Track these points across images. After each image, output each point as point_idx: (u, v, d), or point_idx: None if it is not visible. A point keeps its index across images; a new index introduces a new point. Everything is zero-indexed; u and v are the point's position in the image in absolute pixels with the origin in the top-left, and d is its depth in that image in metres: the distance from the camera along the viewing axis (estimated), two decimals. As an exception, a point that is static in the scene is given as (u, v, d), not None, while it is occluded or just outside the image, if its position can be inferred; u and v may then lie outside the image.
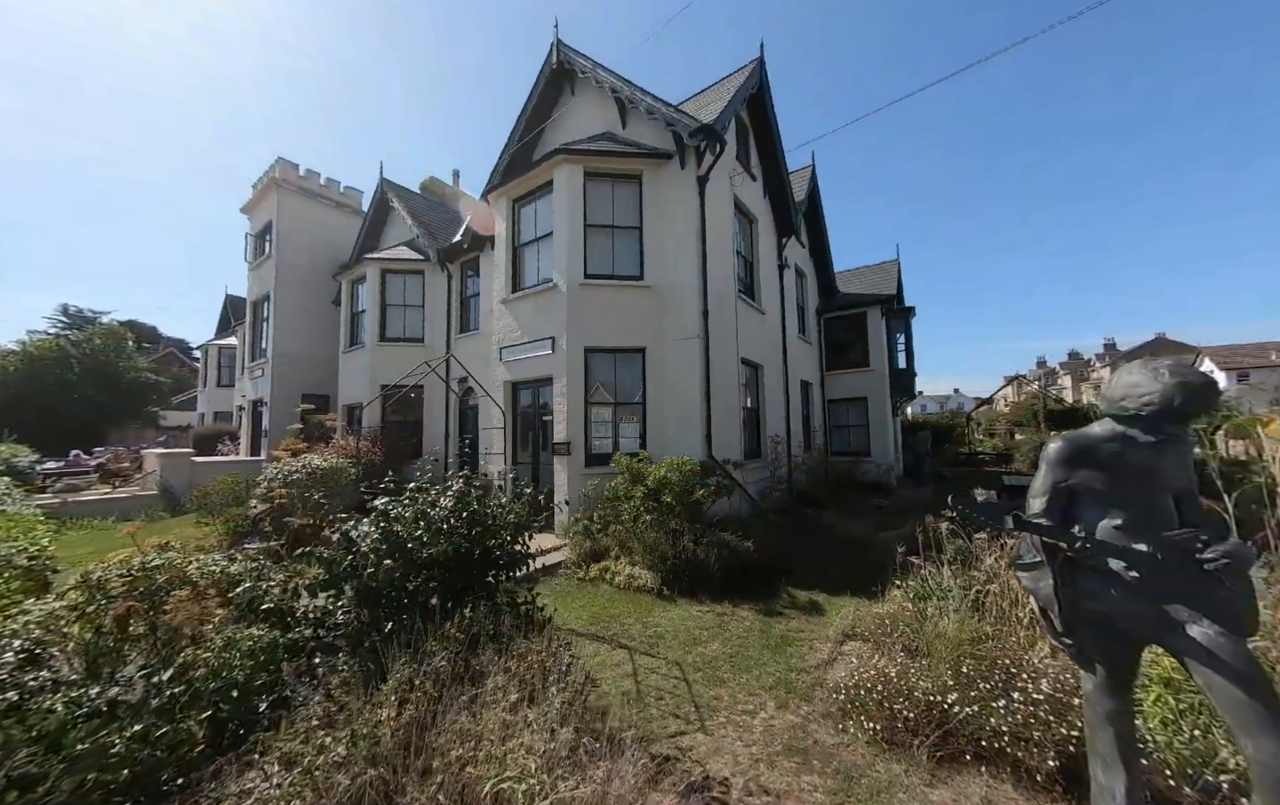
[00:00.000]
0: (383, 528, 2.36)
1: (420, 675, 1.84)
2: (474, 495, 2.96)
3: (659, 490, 5.67)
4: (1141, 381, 1.71)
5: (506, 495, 3.36)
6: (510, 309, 8.26)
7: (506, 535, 2.93)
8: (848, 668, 3.44)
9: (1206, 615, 1.62)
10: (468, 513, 2.79)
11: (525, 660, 2.04)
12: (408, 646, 2.09)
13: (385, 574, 2.18)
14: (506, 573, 3.05)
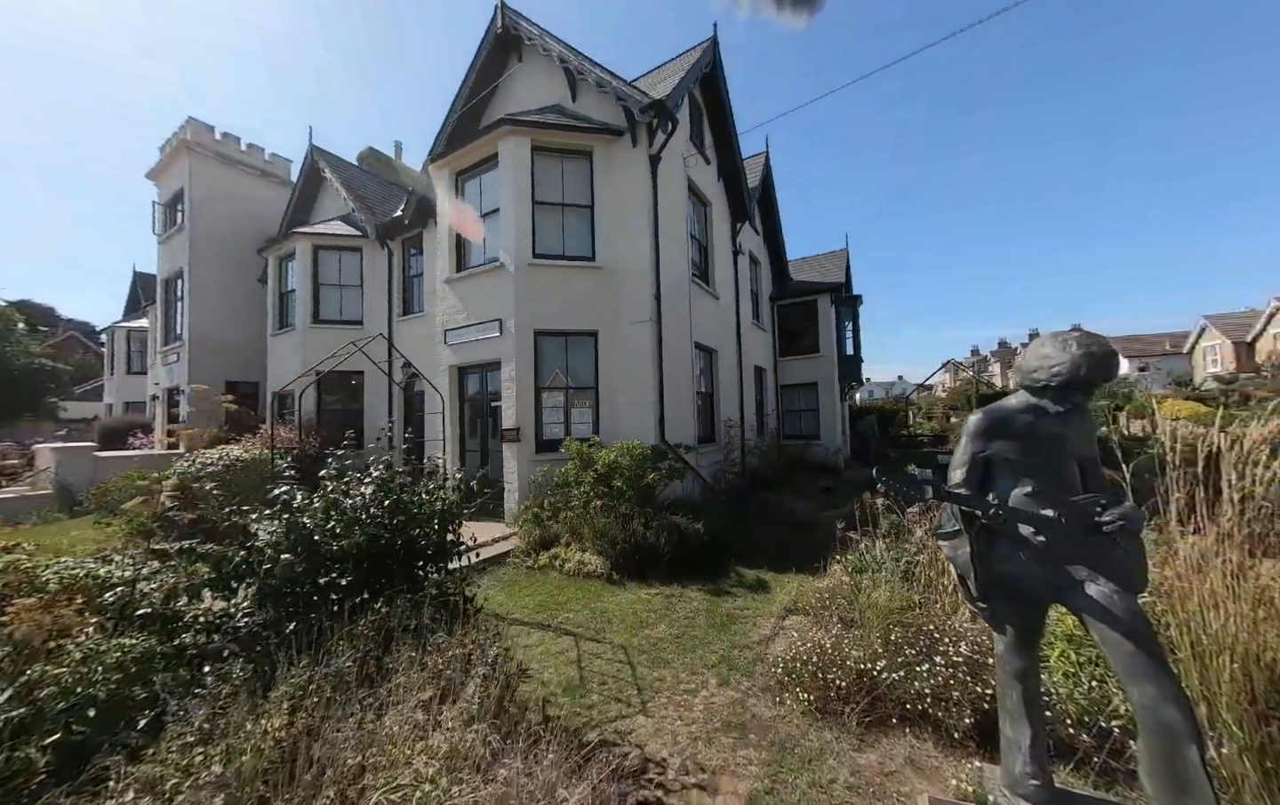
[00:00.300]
0: (286, 520, 2.11)
1: (319, 678, 1.66)
2: (397, 483, 2.74)
3: (609, 475, 5.58)
4: (1052, 353, 1.76)
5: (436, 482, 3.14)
6: (455, 289, 7.84)
7: (434, 524, 2.73)
8: (788, 642, 3.51)
9: (1103, 574, 1.71)
10: (389, 501, 2.57)
11: (444, 655, 1.89)
12: (312, 648, 1.89)
13: (284, 570, 1.96)
14: (436, 564, 2.86)
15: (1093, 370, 1.67)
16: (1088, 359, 1.68)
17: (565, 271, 7.33)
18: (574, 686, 3.18)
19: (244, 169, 14.14)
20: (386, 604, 2.17)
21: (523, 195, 7.16)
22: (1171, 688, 1.50)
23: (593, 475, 5.57)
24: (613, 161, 7.42)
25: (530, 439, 7.10)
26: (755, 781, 2.30)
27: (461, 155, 7.74)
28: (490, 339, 7.31)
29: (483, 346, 7.44)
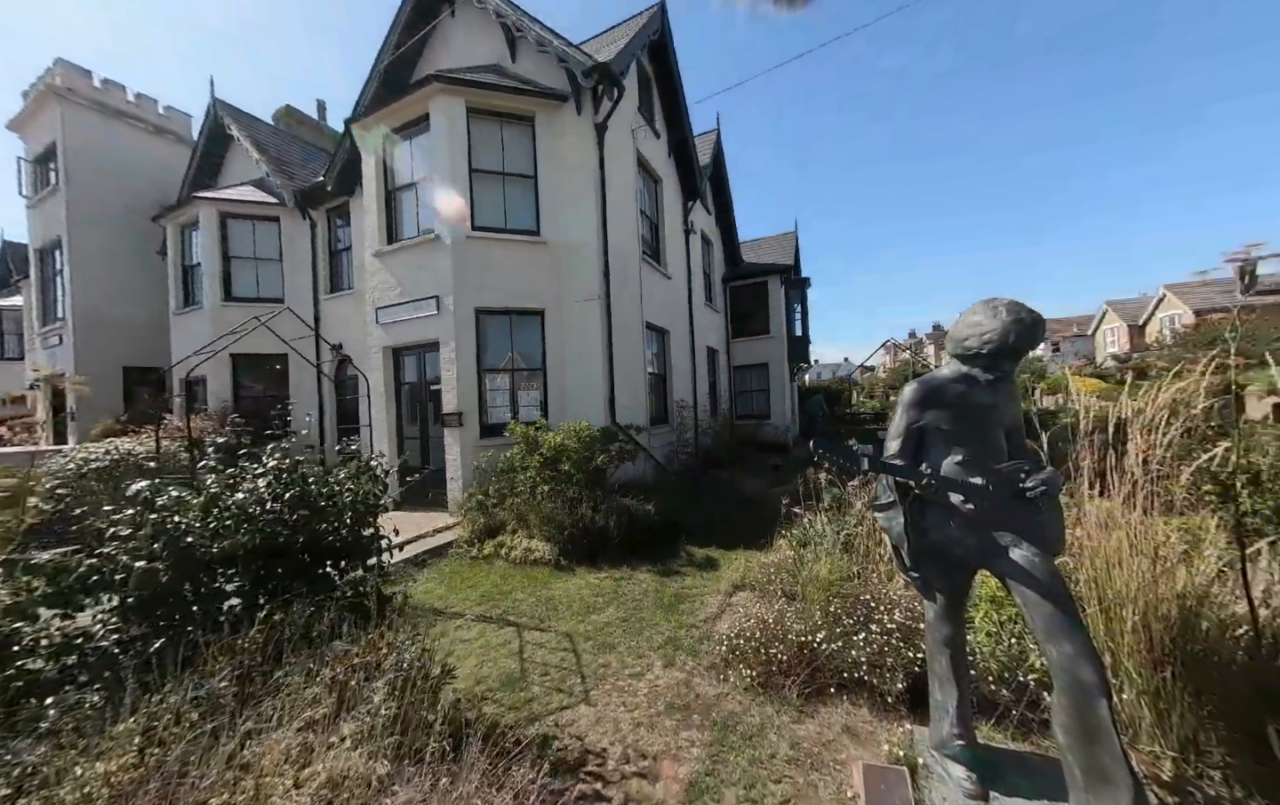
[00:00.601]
0: (152, 520, 1.78)
1: (184, 703, 1.40)
2: (300, 473, 2.42)
3: (556, 458, 5.38)
4: (983, 320, 1.75)
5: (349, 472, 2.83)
6: (386, 263, 7.23)
7: (346, 518, 2.45)
8: (734, 619, 3.51)
9: (1026, 538, 1.74)
10: (290, 494, 2.26)
11: (346, 663, 1.67)
12: (182, 667, 1.61)
13: (142, 580, 1.65)
14: (353, 562, 2.58)
15: (1021, 337, 1.67)
16: (1016, 326, 1.68)
17: (508, 246, 6.92)
18: (514, 680, 3.02)
19: (132, 123, 12.35)
20: (283, 610, 1.90)
21: (459, 162, 6.65)
22: (1086, 645, 1.55)
23: (539, 459, 5.34)
24: (556, 129, 7.03)
25: (474, 423, 6.74)
26: (697, 764, 2.25)
27: (388, 114, 7.06)
28: (427, 318, 6.82)
29: (419, 326, 6.93)
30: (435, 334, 6.77)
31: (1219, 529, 3.43)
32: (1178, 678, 1.93)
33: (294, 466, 2.45)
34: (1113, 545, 2.21)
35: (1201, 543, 2.61)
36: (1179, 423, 2.29)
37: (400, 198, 7.42)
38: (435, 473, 7.09)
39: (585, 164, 6.93)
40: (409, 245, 6.98)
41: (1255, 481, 3.99)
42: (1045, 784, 1.80)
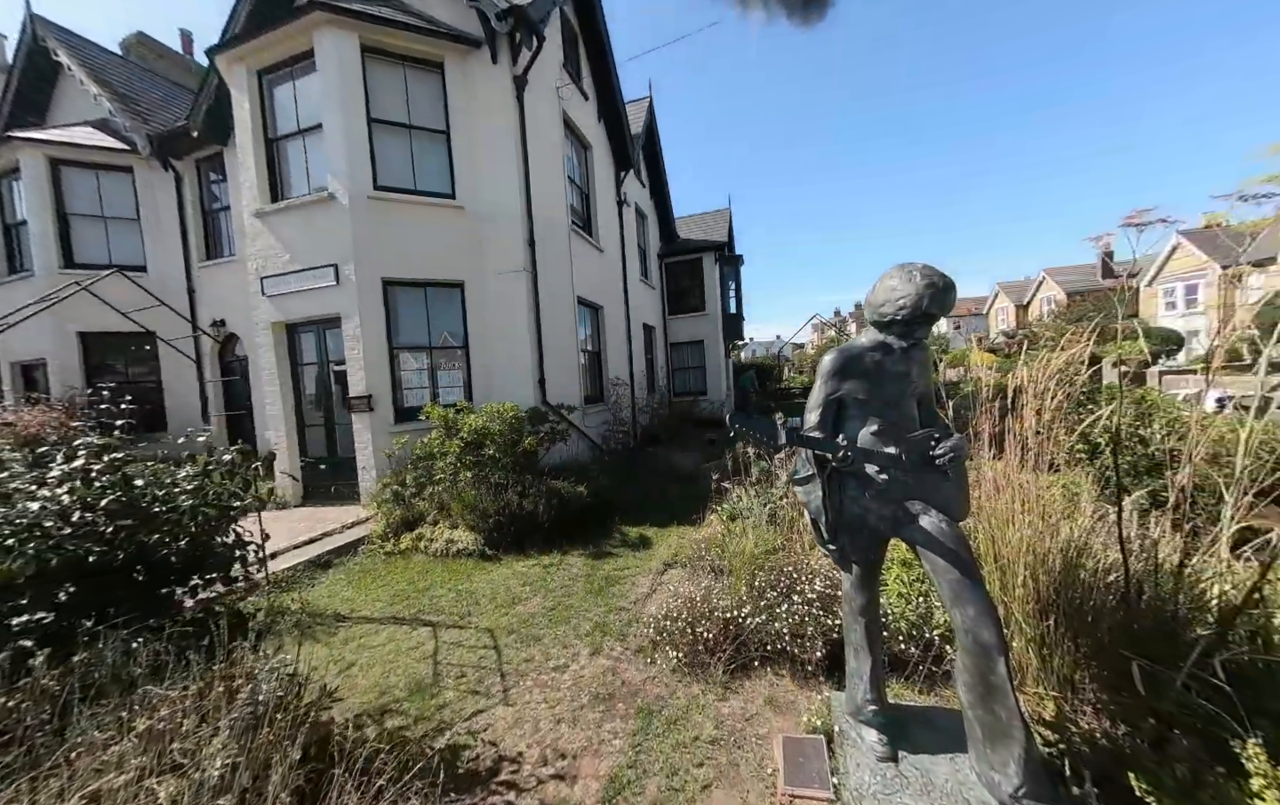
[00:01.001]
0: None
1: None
2: (122, 474, 1.94)
3: (479, 442, 5.00)
4: (898, 285, 1.70)
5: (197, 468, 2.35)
6: (270, 225, 6.27)
7: (189, 524, 2.01)
8: (664, 598, 3.44)
9: (934, 505, 1.74)
10: (108, 501, 1.80)
11: (172, 706, 1.33)
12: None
13: None
14: (207, 575, 2.14)
15: (934, 302, 1.63)
16: (930, 290, 1.64)
17: (419, 210, 6.25)
18: (424, 686, 2.75)
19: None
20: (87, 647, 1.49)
21: (354, 108, 5.84)
22: (987, 607, 1.58)
23: (458, 444, 4.94)
24: (471, 80, 6.38)
25: (386, 407, 6.13)
26: (619, 756, 2.14)
27: (264, 46, 6.01)
28: (324, 289, 6.02)
29: (316, 298, 6.12)
30: (336, 307, 6.02)
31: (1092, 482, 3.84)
32: (1059, 625, 2.07)
33: (114, 466, 1.95)
34: (1005, 504, 2.34)
35: (1080, 498, 2.88)
36: (1063, 390, 2.46)
37: (286, 149, 6.42)
38: (345, 463, 6.41)
39: (504, 121, 6.36)
40: (298, 204, 6.08)
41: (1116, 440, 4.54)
42: (947, 738, 1.87)
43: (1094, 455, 4.38)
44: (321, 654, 3.17)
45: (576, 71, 8.73)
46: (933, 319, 1.68)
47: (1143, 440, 3.96)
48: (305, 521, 5.80)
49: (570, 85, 7.86)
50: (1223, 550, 1.93)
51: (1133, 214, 1.65)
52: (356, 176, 5.84)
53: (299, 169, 6.36)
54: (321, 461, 6.65)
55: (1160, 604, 1.89)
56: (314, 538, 5.20)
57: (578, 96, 8.67)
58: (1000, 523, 2.36)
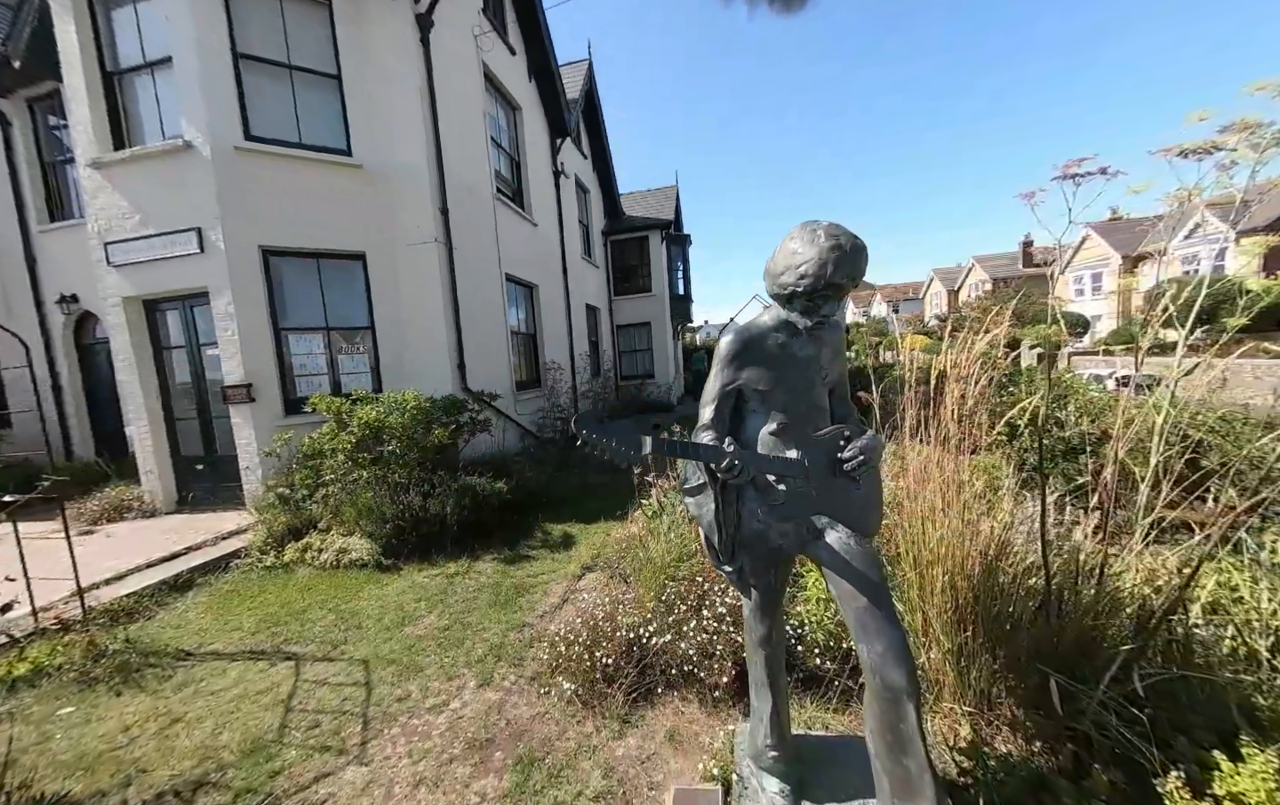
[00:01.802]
0: None
1: None
2: None
3: (376, 436, 4.39)
4: (800, 248, 1.36)
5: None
6: (113, 179, 5.19)
7: None
8: (576, 610, 3.09)
9: (842, 519, 1.45)
10: None
11: None
12: None
13: None
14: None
15: (840, 267, 1.30)
16: (834, 254, 1.30)
17: (307, 167, 5.38)
18: (263, 744, 2.24)
19: None
20: None
21: (213, 38, 4.87)
22: (899, 645, 1.30)
23: (350, 439, 4.30)
24: (364, 17, 5.51)
25: (273, 397, 5.32)
26: (485, 826, 1.76)
27: (96, -43, 4.89)
28: (186, 257, 5.08)
29: (175, 268, 5.15)
30: (202, 280, 5.09)
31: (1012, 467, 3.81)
32: (977, 635, 1.88)
33: None
34: (925, 501, 2.13)
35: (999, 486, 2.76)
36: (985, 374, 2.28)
37: (133, 85, 5.32)
38: (226, 462, 5.55)
39: (407, 67, 5.57)
40: (148, 154, 5.05)
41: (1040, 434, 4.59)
42: (858, 777, 1.62)
43: (1013, 436, 4.42)
44: (142, 708, 2.57)
45: (501, 20, 7.92)
46: (840, 290, 1.35)
47: (1059, 423, 4.00)
48: (172, 532, 4.96)
49: (491, 33, 7.07)
50: (1142, 553, 1.79)
51: (1068, 164, 1.39)
52: (219, 123, 4.90)
53: (150, 110, 5.29)
54: (198, 460, 5.74)
55: (1080, 614, 1.72)
56: (176, 553, 4.42)
57: (503, 50, 7.88)
58: (921, 520, 2.16)
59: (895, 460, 3.03)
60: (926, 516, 2.12)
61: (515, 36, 8.41)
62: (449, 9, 6.09)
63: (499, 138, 7.89)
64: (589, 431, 1.18)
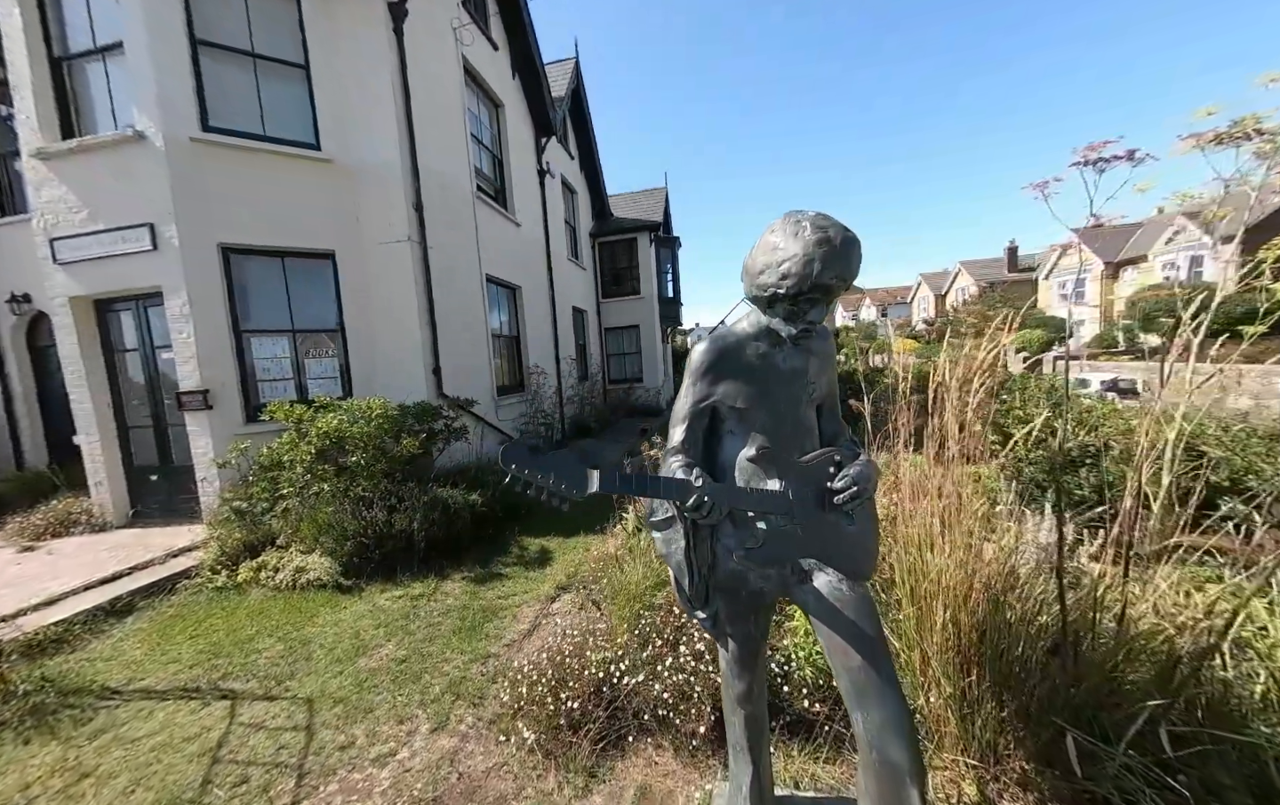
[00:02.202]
0: None
1: None
2: None
3: (338, 447, 4.11)
4: (782, 243, 1.15)
5: None
6: (59, 170, 4.85)
7: None
8: (546, 638, 2.85)
9: (832, 560, 1.24)
10: None
11: None
12: None
13: None
14: None
15: (828, 266, 1.09)
16: (822, 249, 1.09)
17: (271, 160, 5.08)
18: (182, 803, 1.97)
19: None
20: None
21: (166, 22, 4.57)
22: (900, 715, 1.09)
23: (309, 450, 4.02)
24: (334, 4, 5.23)
25: (233, 404, 5.01)
26: (423, 912, 1.52)
27: (39, -67, 4.57)
28: (137, 254, 4.75)
29: (127, 267, 4.82)
30: (155, 279, 4.77)
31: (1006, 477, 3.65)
32: (982, 678, 1.68)
33: None
34: (922, 522, 1.94)
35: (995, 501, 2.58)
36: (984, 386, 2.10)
37: (84, 72, 4.99)
38: (183, 472, 5.22)
39: (379, 58, 5.30)
40: (97, 144, 4.72)
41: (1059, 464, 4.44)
42: (851, 851, 1.42)
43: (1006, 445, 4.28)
44: (49, 759, 2.27)
45: (484, 17, 7.68)
46: (829, 292, 1.14)
47: (1053, 432, 3.85)
48: (119, 549, 4.62)
49: (471, 26, 6.82)
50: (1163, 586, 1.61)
51: (1091, 147, 1.20)
52: (174, 112, 4.60)
53: (102, 98, 4.97)
54: (152, 471, 5.40)
55: (1100, 660, 1.53)
56: (119, 573, 4.09)
57: (485, 45, 7.64)
58: (918, 545, 1.96)
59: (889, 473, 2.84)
60: (925, 538, 1.93)
61: (498, 31, 8.17)
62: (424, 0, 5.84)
63: (480, 134, 7.64)
64: (519, 466, 0.95)
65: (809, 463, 1.27)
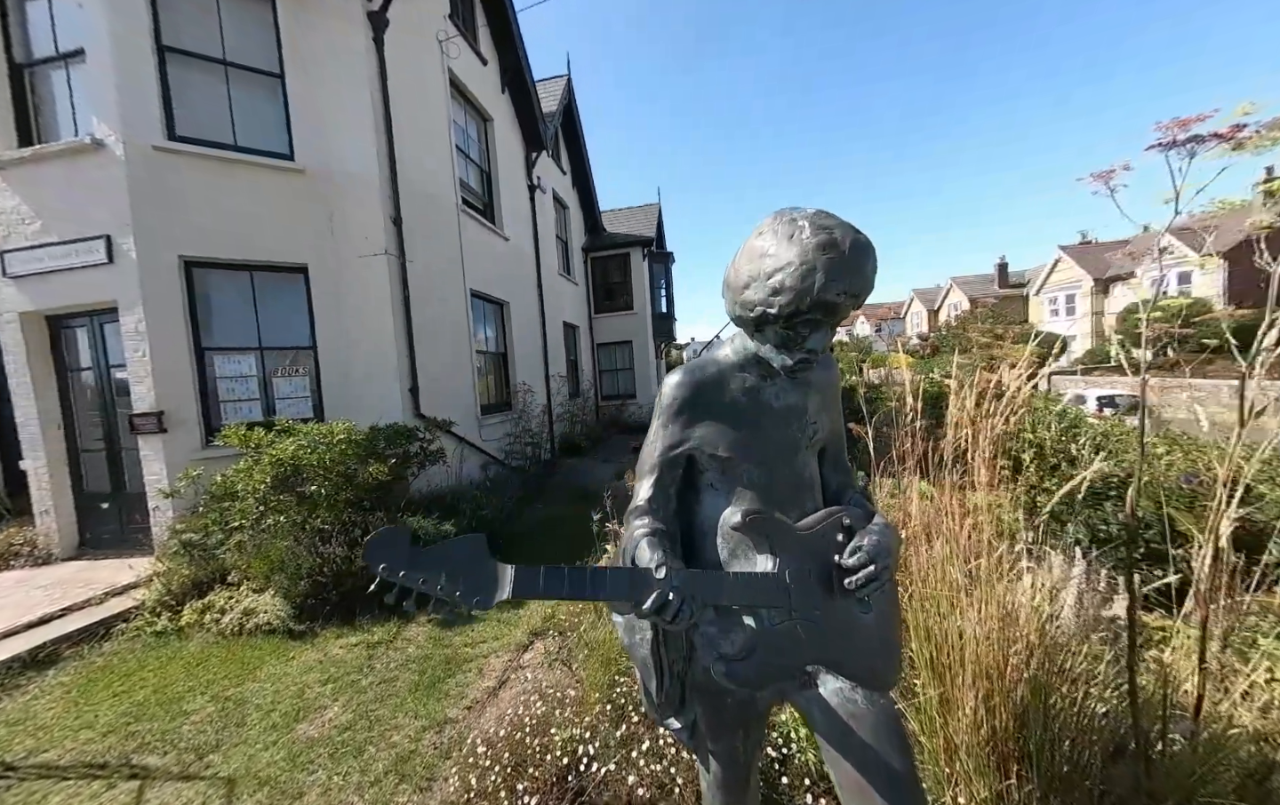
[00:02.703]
0: None
1: None
2: None
3: (294, 475, 3.77)
4: (774, 247, 0.88)
5: None
6: (13, 180, 4.57)
7: None
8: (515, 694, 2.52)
9: (844, 664, 0.94)
10: None
11: None
12: None
13: None
14: None
15: (835, 276, 0.82)
16: (825, 255, 0.82)
17: (240, 170, 4.83)
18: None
19: None
20: None
21: (129, 27, 4.35)
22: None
23: (263, 479, 3.68)
24: (311, 12, 5.03)
25: (191, 427, 4.67)
26: None
27: (-5, -66, 4.36)
28: (91, 268, 4.46)
29: (79, 280, 4.52)
30: (110, 293, 4.47)
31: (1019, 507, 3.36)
32: (1024, 780, 1.38)
33: None
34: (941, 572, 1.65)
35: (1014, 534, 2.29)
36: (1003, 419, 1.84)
37: (47, 79, 4.75)
38: (136, 500, 4.85)
39: (357, 67, 5.10)
40: (54, 153, 4.45)
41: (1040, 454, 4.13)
42: None
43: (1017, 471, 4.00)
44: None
45: (472, 28, 7.55)
46: (835, 311, 0.86)
47: (1071, 459, 3.58)
48: (57, 586, 4.23)
49: (458, 38, 6.67)
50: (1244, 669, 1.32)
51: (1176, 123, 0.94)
52: (136, 120, 4.34)
53: (65, 109, 4.71)
54: (104, 498, 5.02)
55: (1176, 769, 1.22)
56: (49, 615, 3.71)
57: (473, 59, 7.49)
58: (934, 601, 1.66)
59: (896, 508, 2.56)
60: (944, 590, 1.64)
61: (487, 46, 8.05)
62: (407, 10, 5.67)
63: (467, 148, 7.45)
64: (392, 565, 0.66)
65: (810, 530, 0.98)
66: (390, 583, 0.68)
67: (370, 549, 0.68)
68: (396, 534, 0.71)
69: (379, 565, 0.67)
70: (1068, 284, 27.26)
